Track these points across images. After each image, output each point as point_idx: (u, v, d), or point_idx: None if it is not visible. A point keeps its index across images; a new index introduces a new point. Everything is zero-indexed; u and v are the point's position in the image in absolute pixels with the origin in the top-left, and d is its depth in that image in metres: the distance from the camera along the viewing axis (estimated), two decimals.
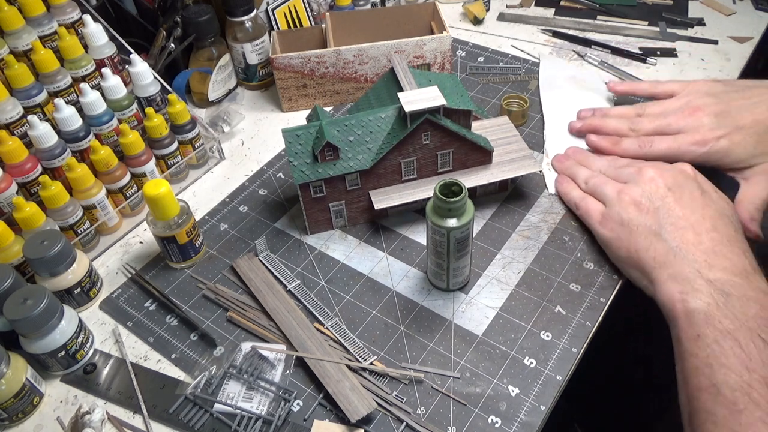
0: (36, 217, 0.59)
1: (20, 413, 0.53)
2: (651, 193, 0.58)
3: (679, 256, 0.53)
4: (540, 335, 0.57)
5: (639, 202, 0.58)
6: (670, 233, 0.55)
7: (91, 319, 0.62)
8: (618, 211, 0.59)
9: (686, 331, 0.49)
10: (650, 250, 0.55)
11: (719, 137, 0.64)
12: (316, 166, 0.61)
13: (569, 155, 0.72)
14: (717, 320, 0.48)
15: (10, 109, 0.64)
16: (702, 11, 0.99)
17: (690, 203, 0.56)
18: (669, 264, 0.53)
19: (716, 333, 0.47)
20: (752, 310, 0.48)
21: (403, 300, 0.61)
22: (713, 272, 0.51)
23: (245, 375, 0.55)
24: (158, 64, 0.82)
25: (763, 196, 0.63)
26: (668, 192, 0.57)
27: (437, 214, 0.54)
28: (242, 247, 0.67)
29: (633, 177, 0.61)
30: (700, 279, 0.51)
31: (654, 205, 0.57)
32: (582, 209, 0.64)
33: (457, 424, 0.51)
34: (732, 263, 0.51)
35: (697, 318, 0.49)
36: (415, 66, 0.83)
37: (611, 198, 0.61)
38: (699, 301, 0.49)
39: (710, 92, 0.68)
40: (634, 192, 0.59)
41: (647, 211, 0.57)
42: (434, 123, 0.61)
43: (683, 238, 0.54)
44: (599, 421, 0.96)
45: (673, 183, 0.58)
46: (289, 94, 0.84)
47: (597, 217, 0.62)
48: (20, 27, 0.67)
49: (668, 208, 0.56)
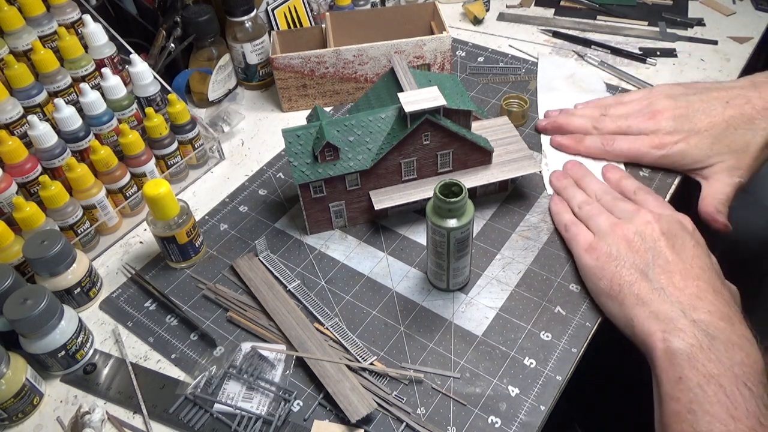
0: (36, 217, 0.59)
1: (20, 413, 0.53)
2: (644, 234, 0.56)
3: (663, 295, 0.51)
4: (540, 335, 0.57)
5: (631, 240, 0.57)
6: (657, 274, 0.53)
7: (91, 319, 0.62)
8: (608, 244, 0.57)
9: (667, 373, 0.47)
10: (634, 285, 0.53)
11: (676, 141, 0.67)
12: (316, 166, 0.61)
13: (568, 171, 0.71)
14: (701, 363, 0.46)
15: (10, 109, 0.64)
16: (702, 11, 0.99)
17: (681, 251, 0.55)
18: (651, 302, 0.51)
19: (699, 377, 0.45)
20: (737, 356, 0.46)
21: (403, 300, 0.61)
22: (697, 313, 0.49)
23: (245, 375, 0.55)
24: (158, 64, 0.82)
25: (726, 191, 0.64)
26: (662, 236, 0.56)
27: (437, 214, 0.54)
28: (242, 247, 0.67)
29: (628, 215, 0.60)
30: (683, 319, 0.49)
31: (645, 246, 0.56)
32: (570, 234, 0.63)
33: (457, 424, 0.51)
34: (717, 308, 0.50)
35: (679, 359, 0.47)
36: (415, 66, 0.83)
37: (603, 230, 0.59)
38: (682, 341, 0.47)
39: (671, 95, 0.70)
40: (627, 229, 0.57)
41: (637, 250, 0.56)
42: (434, 123, 0.61)
43: (669, 281, 0.52)
44: (599, 421, 0.96)
45: (668, 230, 0.56)
46: (289, 94, 0.84)
47: (584, 245, 0.60)
48: (20, 27, 0.67)
49: (659, 251, 0.55)
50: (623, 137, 0.70)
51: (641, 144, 0.69)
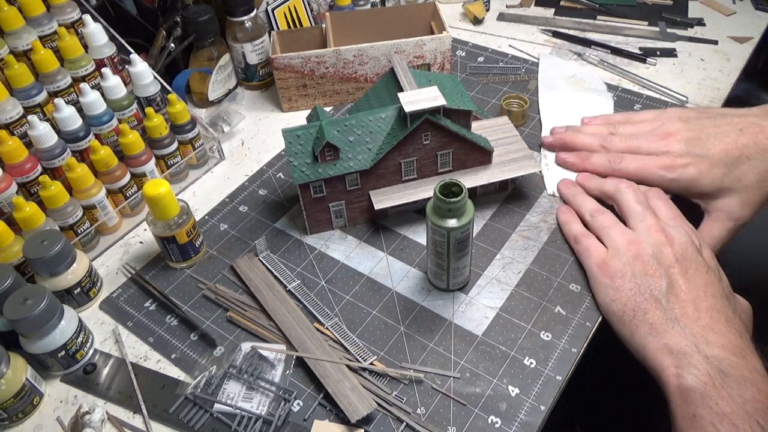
0: (36, 217, 0.59)
1: (20, 413, 0.53)
2: (660, 257, 0.56)
3: (676, 327, 0.52)
4: (540, 335, 0.57)
5: (646, 263, 0.56)
6: (671, 303, 0.54)
7: (91, 319, 0.62)
8: (623, 262, 0.57)
9: (682, 410, 0.49)
10: (648, 314, 0.54)
11: (687, 164, 0.65)
12: (316, 166, 0.61)
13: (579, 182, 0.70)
14: (714, 401, 0.47)
15: (10, 109, 0.64)
16: (702, 11, 0.99)
17: (694, 278, 0.55)
18: (665, 333, 0.52)
19: (713, 415, 0.47)
20: (749, 393, 0.47)
21: (403, 300, 0.61)
22: (711, 348, 0.50)
23: (245, 375, 0.55)
24: (158, 64, 0.82)
25: (722, 236, 0.63)
26: (675, 262, 0.56)
27: (437, 214, 0.54)
28: (242, 247, 0.67)
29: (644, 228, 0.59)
30: (697, 354, 0.50)
31: (659, 271, 0.55)
32: (582, 246, 0.62)
33: (457, 424, 0.51)
34: (729, 342, 0.50)
35: (692, 397, 0.48)
36: (415, 66, 0.83)
37: (618, 246, 0.59)
38: (695, 378, 0.49)
39: (683, 118, 0.68)
40: (643, 250, 0.57)
41: (652, 275, 0.55)
42: (434, 123, 0.61)
43: (683, 311, 0.53)
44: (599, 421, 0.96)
45: (681, 255, 0.56)
46: (289, 94, 0.84)
47: (596, 260, 0.59)
48: (20, 27, 0.67)
49: (673, 279, 0.55)
50: (632, 156, 0.68)
51: (650, 164, 0.66)
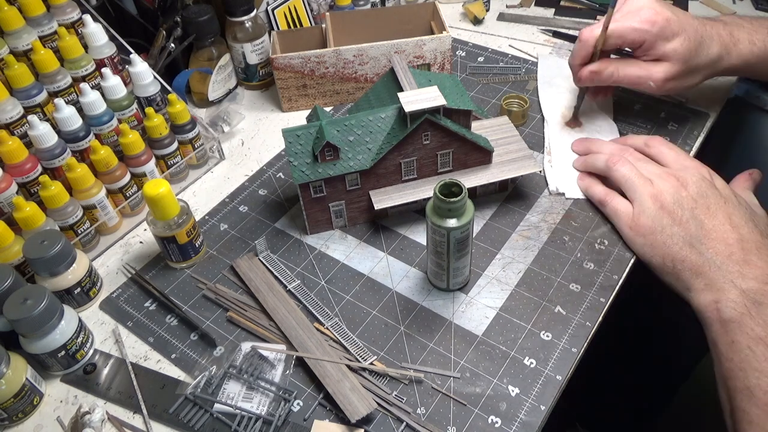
0: (36, 217, 0.59)
1: (20, 413, 0.53)
2: (681, 201, 0.59)
3: (713, 266, 0.56)
4: (540, 335, 0.57)
5: (672, 211, 0.59)
6: (704, 244, 0.57)
7: (91, 319, 0.62)
8: (653, 219, 0.60)
9: (721, 337, 0.53)
10: (686, 261, 0.57)
11: None
12: (316, 166, 0.61)
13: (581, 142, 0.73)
14: (749, 328, 0.51)
15: (10, 109, 0.64)
16: (702, 11, 0.99)
17: (716, 213, 0.58)
18: (704, 274, 0.56)
19: (749, 340, 0.51)
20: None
21: (403, 300, 0.61)
22: (746, 282, 0.54)
23: (245, 375, 0.55)
24: (158, 64, 0.82)
25: None
26: (695, 202, 0.59)
27: (437, 214, 0.54)
28: (242, 247, 0.67)
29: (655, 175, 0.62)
30: (734, 289, 0.54)
31: (685, 215, 0.58)
32: (609, 208, 0.65)
33: (457, 424, 0.51)
34: (762, 271, 0.54)
35: (731, 326, 0.53)
36: (415, 66, 0.83)
37: (643, 201, 0.61)
38: (733, 310, 0.53)
39: None
40: (664, 198, 0.60)
41: (680, 222, 0.58)
42: (434, 123, 0.61)
43: (716, 250, 0.56)
44: (599, 421, 0.96)
45: (697, 193, 0.59)
46: (289, 94, 0.84)
47: (627, 221, 0.62)
48: (20, 27, 0.67)
49: (699, 221, 0.58)
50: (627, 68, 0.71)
51: None
